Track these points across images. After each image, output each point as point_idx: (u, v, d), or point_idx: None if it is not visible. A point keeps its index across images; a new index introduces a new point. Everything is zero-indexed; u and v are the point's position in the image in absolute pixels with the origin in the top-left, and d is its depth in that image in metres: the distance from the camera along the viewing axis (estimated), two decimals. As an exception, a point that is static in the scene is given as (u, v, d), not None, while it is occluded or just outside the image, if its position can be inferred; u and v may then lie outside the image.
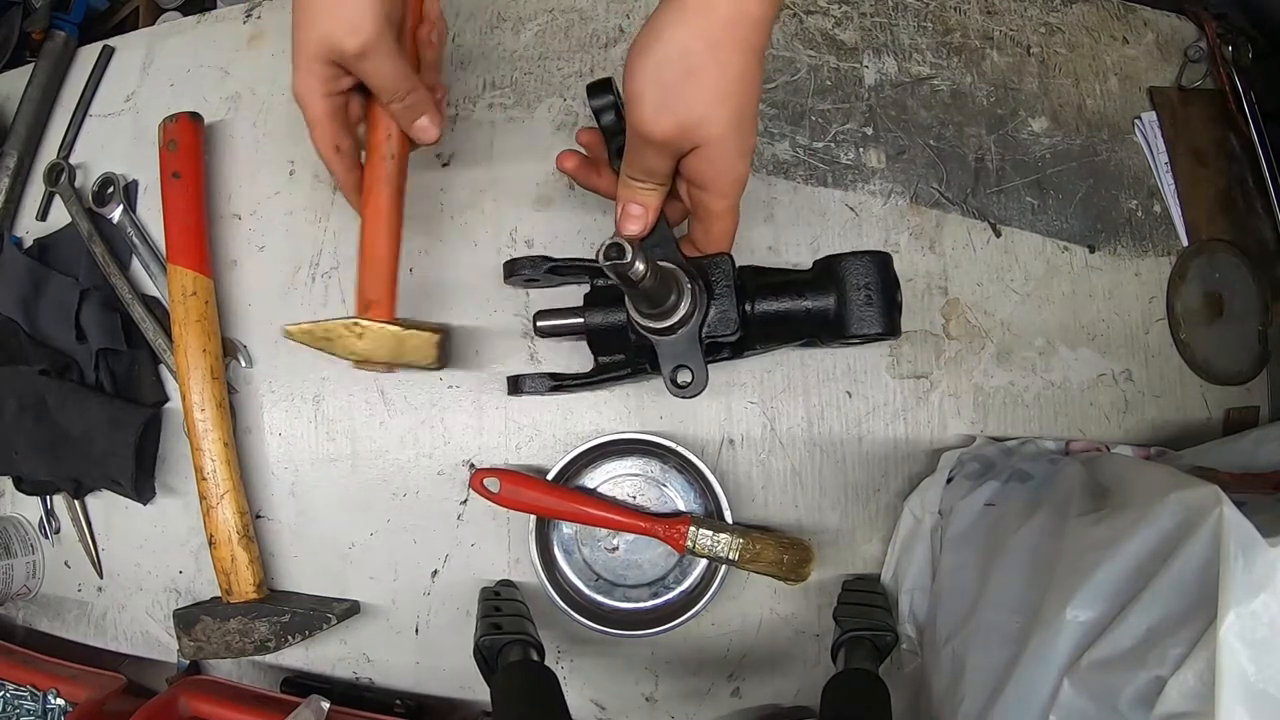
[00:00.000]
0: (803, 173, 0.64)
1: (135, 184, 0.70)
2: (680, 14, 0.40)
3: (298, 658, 0.64)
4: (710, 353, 0.50)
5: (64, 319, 0.66)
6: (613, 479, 0.61)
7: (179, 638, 0.60)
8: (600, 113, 0.50)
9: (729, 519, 0.58)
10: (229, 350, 0.64)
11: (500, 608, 0.56)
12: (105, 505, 0.68)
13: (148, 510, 0.66)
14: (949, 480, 0.58)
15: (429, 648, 0.63)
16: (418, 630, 0.63)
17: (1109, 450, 0.60)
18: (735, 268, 0.49)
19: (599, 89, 0.50)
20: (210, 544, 0.60)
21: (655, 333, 0.48)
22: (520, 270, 0.57)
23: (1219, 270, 0.67)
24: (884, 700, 0.48)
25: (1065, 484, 0.51)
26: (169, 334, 0.63)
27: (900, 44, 0.66)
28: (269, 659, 0.64)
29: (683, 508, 0.60)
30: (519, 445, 0.63)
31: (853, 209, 0.64)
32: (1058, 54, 0.68)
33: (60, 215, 0.71)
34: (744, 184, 0.45)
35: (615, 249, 0.39)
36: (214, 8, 0.80)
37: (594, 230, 0.63)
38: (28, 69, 0.74)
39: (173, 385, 0.66)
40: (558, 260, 0.57)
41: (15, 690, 0.61)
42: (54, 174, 0.69)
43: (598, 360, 0.57)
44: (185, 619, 0.60)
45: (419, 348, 0.54)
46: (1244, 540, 0.34)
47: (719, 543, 0.55)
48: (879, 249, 0.51)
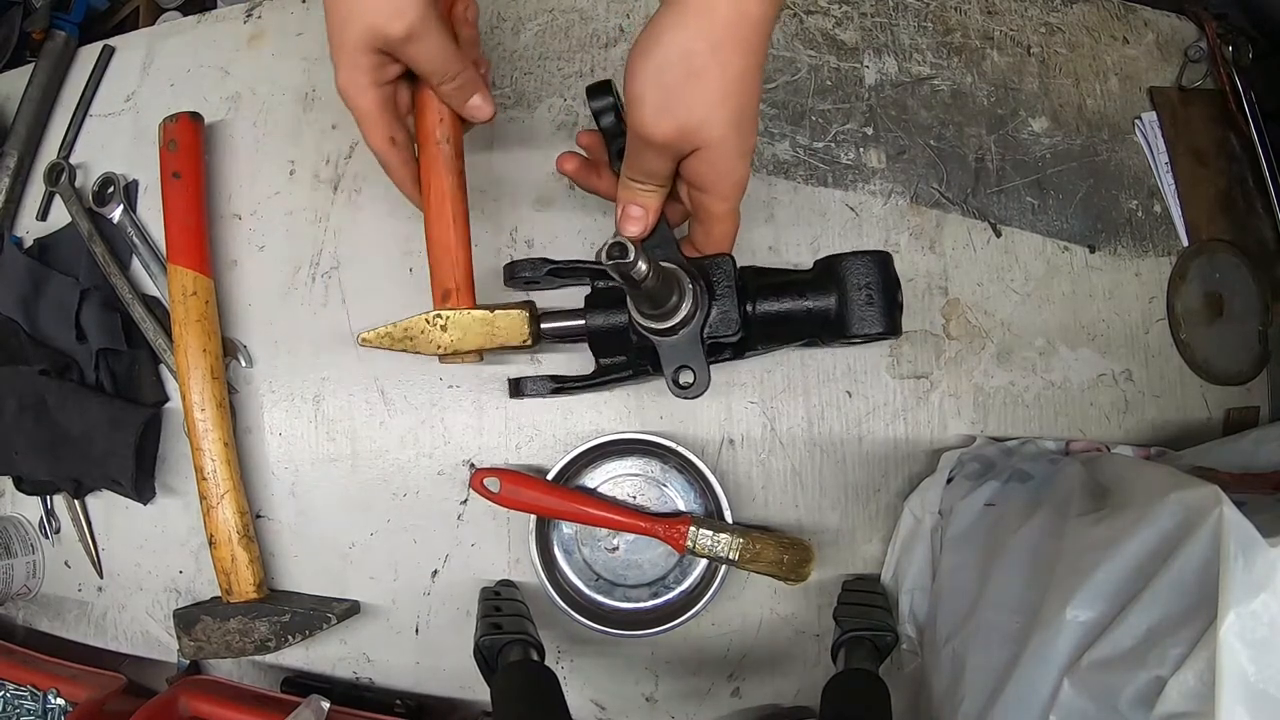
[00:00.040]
0: (803, 173, 0.64)
1: (135, 184, 0.70)
2: (681, 16, 0.39)
3: (298, 658, 0.64)
4: (712, 353, 0.50)
5: (64, 319, 0.66)
6: (613, 479, 0.61)
7: (179, 638, 0.60)
8: (600, 114, 0.50)
9: (729, 519, 0.58)
10: (229, 350, 0.64)
11: (500, 608, 0.56)
12: (105, 505, 0.68)
13: (148, 510, 0.66)
14: (949, 480, 0.58)
15: (429, 648, 0.63)
16: (418, 630, 0.63)
17: (1109, 450, 0.60)
18: (736, 268, 0.49)
19: (599, 91, 0.50)
20: (210, 544, 0.60)
21: (657, 334, 0.48)
22: (521, 272, 0.57)
23: (1219, 270, 0.67)
24: (884, 700, 0.48)
25: (1065, 484, 0.51)
26: (169, 334, 0.63)
27: (900, 44, 0.66)
28: (269, 659, 0.64)
29: (683, 508, 0.61)
30: (519, 445, 0.63)
31: (853, 209, 0.64)
32: (1058, 54, 0.68)
33: (60, 215, 0.71)
34: (744, 186, 0.45)
35: (618, 248, 0.39)
36: (214, 8, 0.80)
37: (594, 231, 0.63)
38: (28, 69, 0.74)
39: (173, 385, 0.66)
40: (558, 262, 0.57)
41: (15, 690, 0.61)
42: (54, 174, 0.69)
43: (599, 362, 0.57)
44: (185, 619, 0.60)
45: (510, 327, 0.52)
46: (1244, 540, 0.34)
47: (719, 543, 0.55)
48: (879, 249, 0.51)
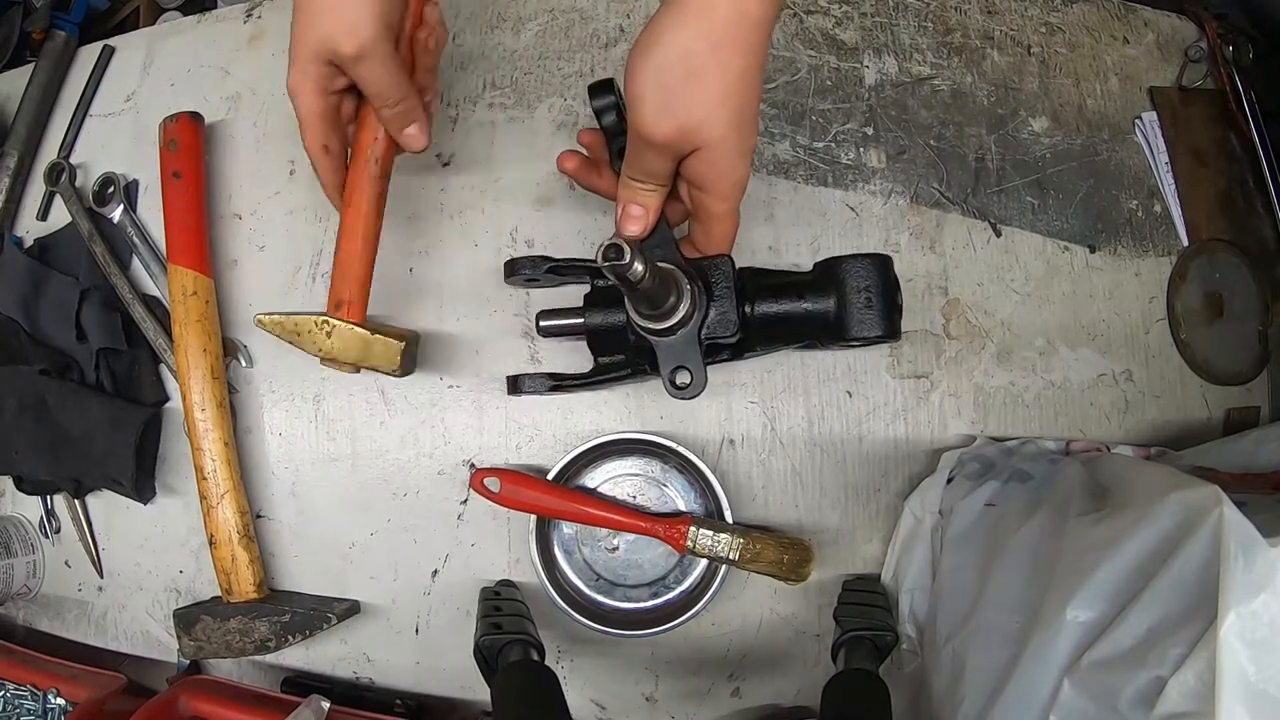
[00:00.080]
0: (803, 173, 0.64)
1: (136, 184, 0.70)
2: (681, 16, 0.40)
3: (298, 657, 0.64)
4: (709, 354, 0.50)
5: (64, 319, 0.66)
6: (613, 479, 0.61)
7: (179, 637, 0.60)
8: (601, 113, 0.50)
9: (729, 519, 0.58)
10: (229, 350, 0.64)
11: (500, 608, 0.56)
12: (105, 505, 0.68)
13: (148, 510, 0.66)
14: (949, 480, 0.58)
15: (429, 648, 0.63)
16: (418, 630, 0.63)
17: (1109, 450, 0.60)
18: (735, 269, 0.49)
19: (600, 90, 0.50)
20: (210, 544, 0.60)
21: (654, 334, 0.48)
22: (520, 270, 0.57)
23: (1219, 270, 0.67)
24: (884, 700, 0.48)
25: (1065, 484, 0.51)
26: (169, 334, 0.63)
27: (901, 44, 0.66)
28: (269, 659, 0.64)
29: (683, 508, 0.60)
30: (519, 445, 0.63)
31: (853, 209, 0.64)
32: (1058, 54, 0.68)
33: (60, 215, 0.71)
34: (744, 186, 0.45)
35: (614, 249, 0.39)
36: (214, 8, 0.80)
37: (594, 230, 0.63)
38: (28, 69, 0.74)
39: (173, 385, 0.66)
40: (558, 260, 0.57)
41: (15, 690, 0.61)
42: (54, 174, 0.69)
43: (597, 361, 0.57)
44: (185, 619, 0.60)
45: (384, 353, 0.54)
46: (1244, 540, 0.34)
47: (719, 543, 0.55)
48: (879, 251, 0.51)
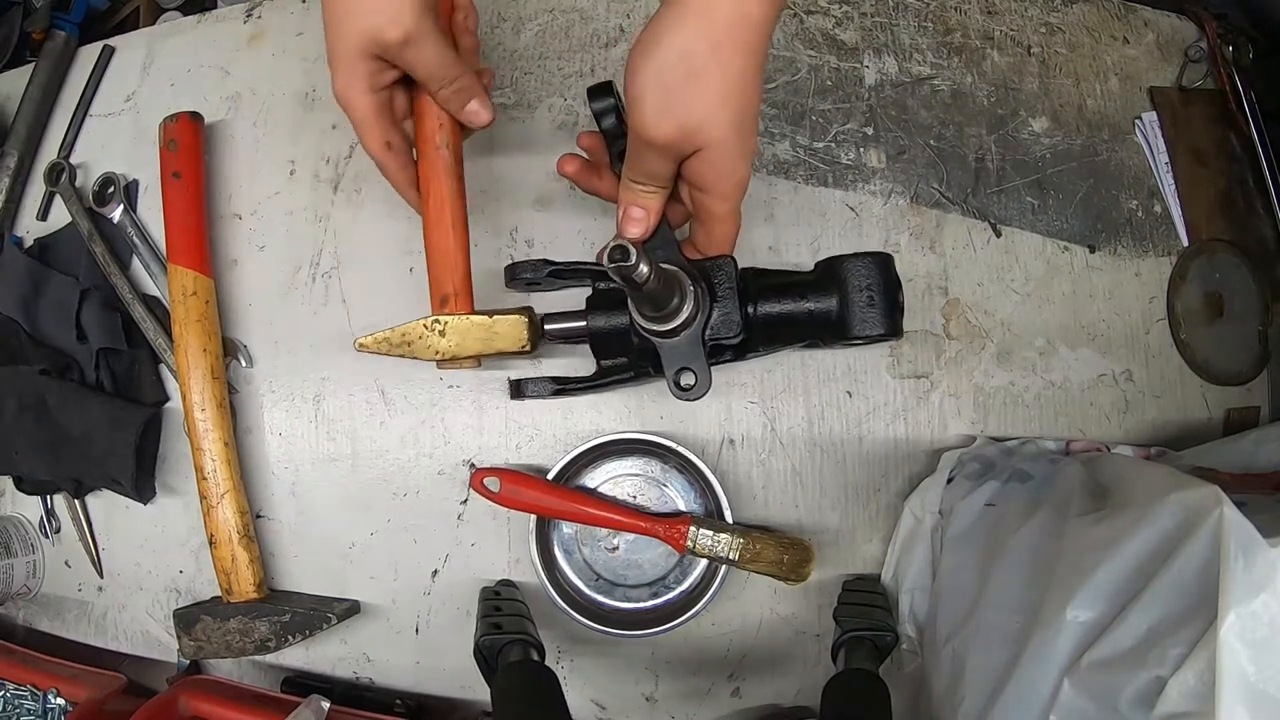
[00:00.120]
0: (803, 173, 0.64)
1: (135, 184, 0.70)
2: (681, 16, 0.39)
3: (298, 657, 0.64)
4: (713, 355, 0.50)
5: (64, 319, 0.66)
6: (613, 479, 0.61)
7: (179, 637, 0.60)
8: (601, 116, 0.50)
9: (729, 519, 0.58)
10: (229, 350, 0.64)
11: (500, 608, 0.56)
12: (105, 505, 0.68)
13: (148, 510, 0.66)
14: (949, 480, 0.58)
15: (429, 648, 0.63)
16: (418, 630, 0.63)
17: (1109, 450, 0.60)
18: (738, 270, 0.49)
19: (599, 92, 0.50)
20: (210, 544, 0.60)
21: (658, 335, 0.48)
22: (522, 274, 0.57)
23: (1219, 270, 0.67)
24: (884, 700, 0.48)
25: (1065, 484, 0.51)
26: (169, 334, 0.63)
27: (901, 44, 0.66)
28: (269, 659, 0.64)
29: (683, 508, 0.60)
30: (519, 445, 0.63)
31: (853, 209, 0.64)
32: (1058, 54, 0.68)
33: (60, 215, 0.71)
34: (745, 187, 0.45)
35: (620, 251, 0.38)
36: (214, 8, 0.80)
37: (594, 231, 0.63)
38: (28, 69, 0.74)
39: (173, 385, 0.66)
40: (559, 264, 0.56)
41: (15, 690, 0.61)
42: (54, 174, 0.69)
43: (600, 363, 0.57)
44: (185, 619, 0.60)
45: (508, 333, 0.52)
46: (1244, 540, 0.34)
47: (719, 543, 0.55)
48: (881, 250, 0.51)
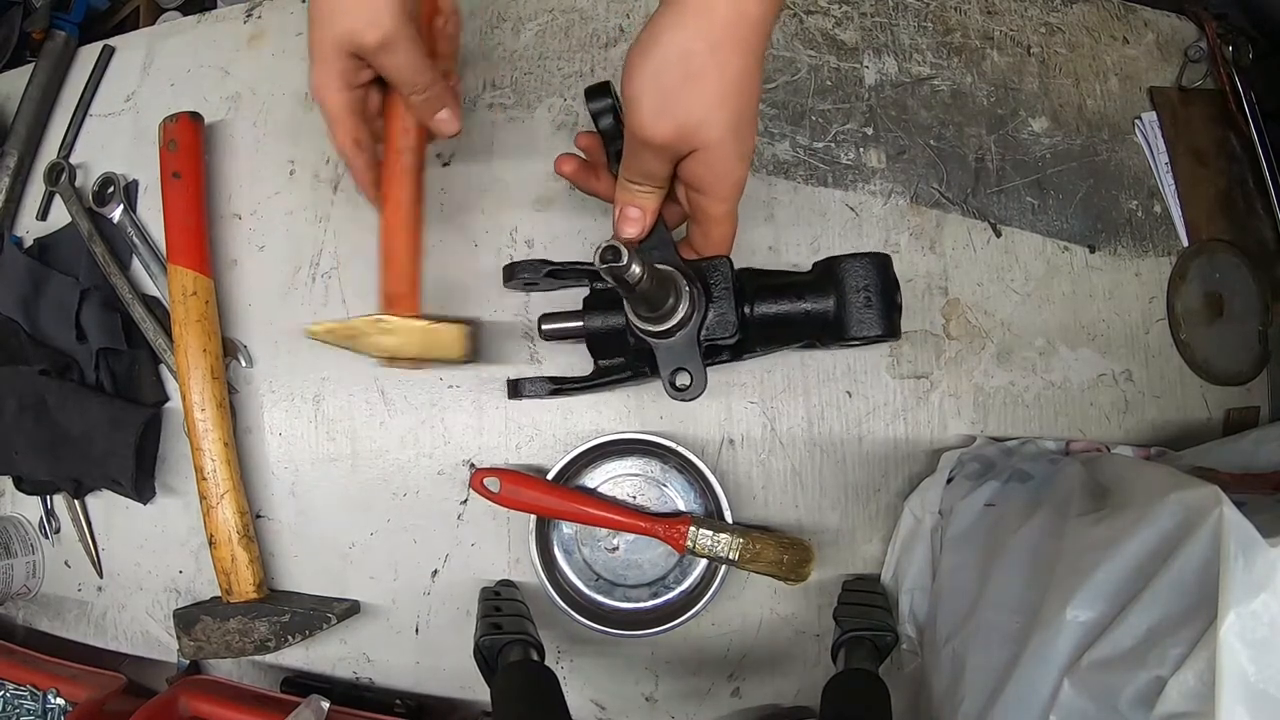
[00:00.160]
0: (803, 173, 0.64)
1: (135, 184, 0.70)
2: (679, 16, 0.39)
3: (298, 658, 0.64)
4: (709, 355, 0.50)
5: (64, 319, 0.66)
6: (613, 479, 0.61)
7: (179, 637, 0.60)
8: (598, 116, 0.50)
9: (729, 519, 0.58)
10: (229, 350, 0.64)
11: (500, 608, 0.56)
12: (105, 505, 0.68)
13: (148, 510, 0.66)
14: (949, 480, 0.58)
15: (429, 648, 0.63)
16: (418, 630, 0.63)
17: (1109, 450, 0.60)
18: (734, 270, 0.49)
19: (597, 92, 0.50)
20: (210, 544, 0.60)
21: (654, 336, 0.48)
22: (520, 274, 0.57)
23: (1219, 270, 0.67)
24: (884, 700, 0.48)
25: (1065, 484, 0.51)
26: (169, 334, 0.63)
27: (900, 44, 0.66)
28: (269, 659, 0.64)
29: (683, 508, 0.60)
30: (519, 445, 0.63)
31: (853, 209, 0.64)
32: (1058, 54, 0.68)
33: (60, 215, 0.71)
34: (742, 188, 0.45)
35: (612, 252, 0.38)
36: (214, 8, 0.80)
37: (593, 231, 0.63)
38: (28, 69, 0.74)
39: (173, 385, 0.66)
40: (557, 264, 0.57)
41: (15, 690, 0.61)
42: (54, 174, 0.69)
43: (598, 363, 0.57)
44: (185, 619, 0.60)
45: (448, 341, 0.53)
46: (1244, 540, 0.34)
47: (719, 543, 0.55)
48: (879, 250, 0.51)
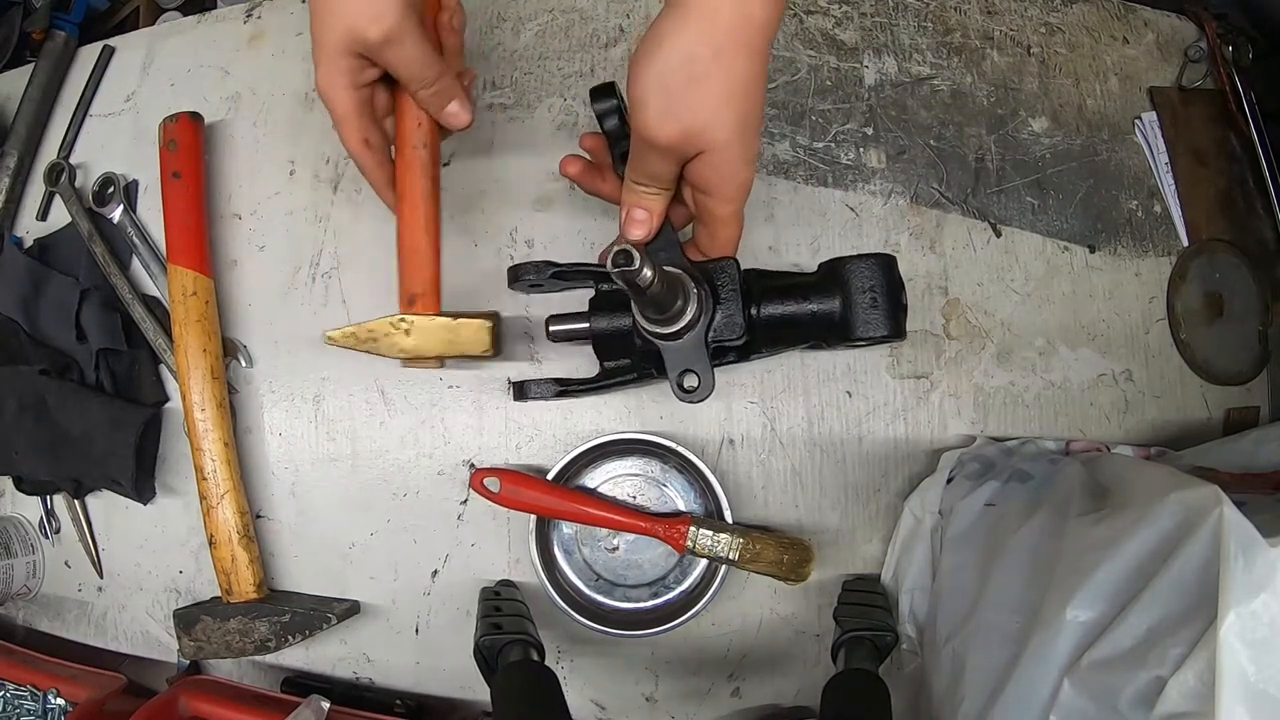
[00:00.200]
0: (803, 173, 0.64)
1: (135, 184, 0.70)
2: (683, 19, 0.39)
3: (298, 658, 0.64)
4: (716, 357, 0.50)
5: (64, 319, 0.66)
6: (613, 479, 0.61)
7: (179, 638, 0.60)
8: (603, 117, 0.50)
9: (729, 519, 0.58)
10: (229, 350, 0.64)
11: (500, 608, 0.56)
12: (105, 505, 0.68)
13: (148, 510, 0.66)
14: (949, 480, 0.58)
15: (429, 648, 0.63)
16: (418, 630, 0.63)
17: (1109, 450, 0.60)
18: (740, 272, 0.49)
19: (602, 93, 0.49)
20: (210, 544, 0.60)
21: (661, 338, 0.48)
22: (524, 276, 0.56)
23: (1219, 270, 0.67)
24: (884, 700, 0.48)
25: (1065, 484, 0.51)
26: (169, 334, 0.63)
27: (900, 44, 0.66)
28: (269, 659, 0.64)
29: (683, 508, 0.60)
30: (519, 445, 0.63)
31: (853, 209, 0.64)
32: (1058, 54, 0.68)
33: (60, 215, 0.71)
34: (749, 189, 0.45)
35: (624, 255, 0.38)
36: (214, 8, 0.80)
37: (594, 231, 0.63)
38: (28, 69, 0.74)
39: (173, 385, 0.66)
40: (562, 265, 0.56)
41: (15, 690, 0.61)
42: (54, 174, 0.69)
43: (603, 365, 0.56)
44: (185, 619, 0.60)
45: (472, 337, 0.52)
46: (1244, 540, 0.34)
47: (719, 543, 0.55)
48: (883, 251, 0.51)
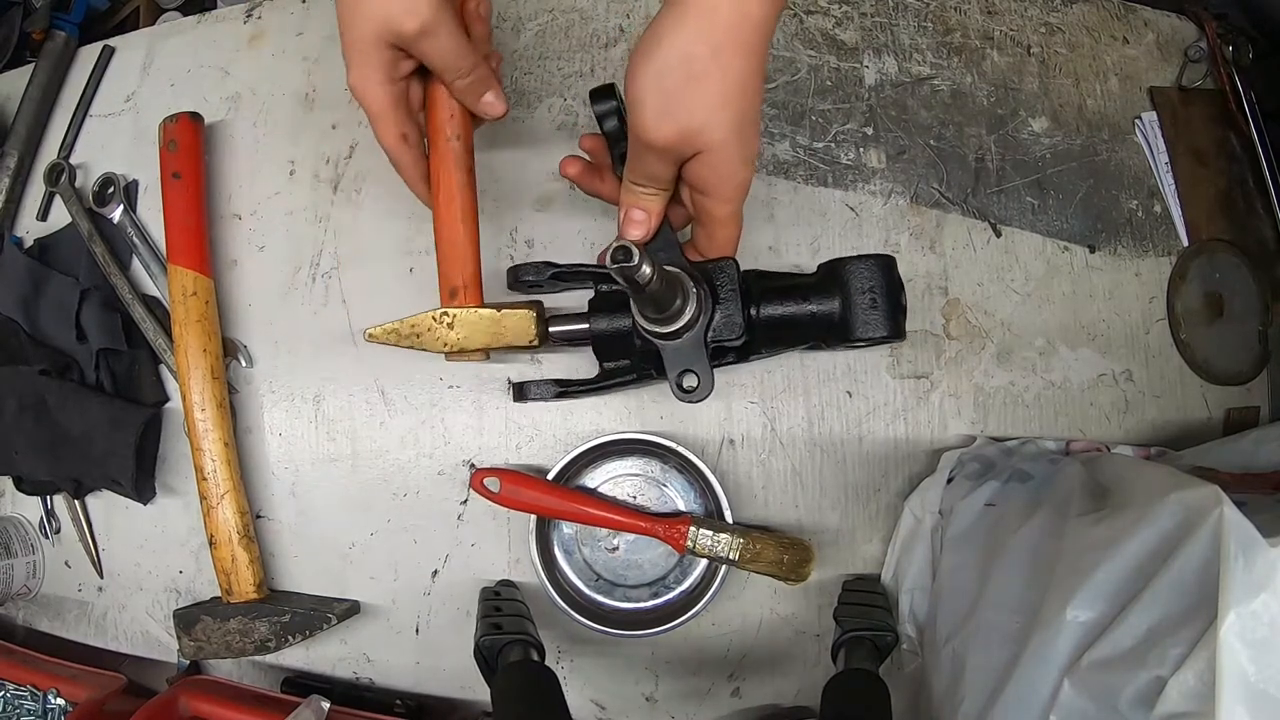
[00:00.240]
0: (803, 173, 0.64)
1: (135, 184, 0.70)
2: (681, 18, 0.39)
3: (298, 658, 0.64)
4: (715, 357, 0.50)
5: (64, 319, 0.66)
6: (613, 479, 0.61)
7: (179, 638, 0.60)
8: (603, 118, 0.50)
9: (729, 519, 0.58)
10: (229, 350, 0.64)
11: (500, 608, 0.56)
12: (105, 505, 0.68)
13: (148, 510, 0.66)
14: (949, 480, 0.58)
15: (429, 648, 0.63)
16: (418, 630, 0.63)
17: (1109, 450, 0.60)
18: (740, 272, 0.49)
19: (601, 95, 0.49)
20: (210, 544, 0.60)
21: (661, 337, 0.48)
22: (524, 276, 0.56)
23: (1219, 270, 0.67)
24: (884, 700, 0.48)
25: (1065, 484, 0.51)
26: (169, 334, 0.63)
27: (900, 44, 0.66)
28: (269, 659, 0.64)
29: (683, 508, 0.60)
30: (519, 445, 0.63)
31: (853, 209, 0.64)
32: (1058, 54, 0.68)
33: (60, 215, 0.71)
34: (747, 189, 0.45)
35: (623, 252, 0.38)
36: (214, 8, 0.80)
37: (594, 231, 0.63)
38: (28, 69, 0.74)
39: (173, 385, 0.66)
40: (562, 266, 0.56)
41: (15, 690, 0.61)
42: (54, 174, 0.69)
43: (603, 365, 0.56)
44: (185, 619, 0.60)
45: (517, 327, 0.52)
46: (1244, 540, 0.34)
47: (719, 543, 0.55)
48: (883, 251, 0.50)
